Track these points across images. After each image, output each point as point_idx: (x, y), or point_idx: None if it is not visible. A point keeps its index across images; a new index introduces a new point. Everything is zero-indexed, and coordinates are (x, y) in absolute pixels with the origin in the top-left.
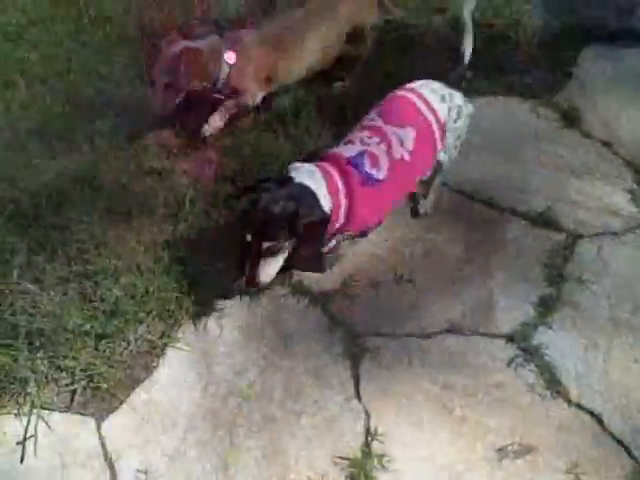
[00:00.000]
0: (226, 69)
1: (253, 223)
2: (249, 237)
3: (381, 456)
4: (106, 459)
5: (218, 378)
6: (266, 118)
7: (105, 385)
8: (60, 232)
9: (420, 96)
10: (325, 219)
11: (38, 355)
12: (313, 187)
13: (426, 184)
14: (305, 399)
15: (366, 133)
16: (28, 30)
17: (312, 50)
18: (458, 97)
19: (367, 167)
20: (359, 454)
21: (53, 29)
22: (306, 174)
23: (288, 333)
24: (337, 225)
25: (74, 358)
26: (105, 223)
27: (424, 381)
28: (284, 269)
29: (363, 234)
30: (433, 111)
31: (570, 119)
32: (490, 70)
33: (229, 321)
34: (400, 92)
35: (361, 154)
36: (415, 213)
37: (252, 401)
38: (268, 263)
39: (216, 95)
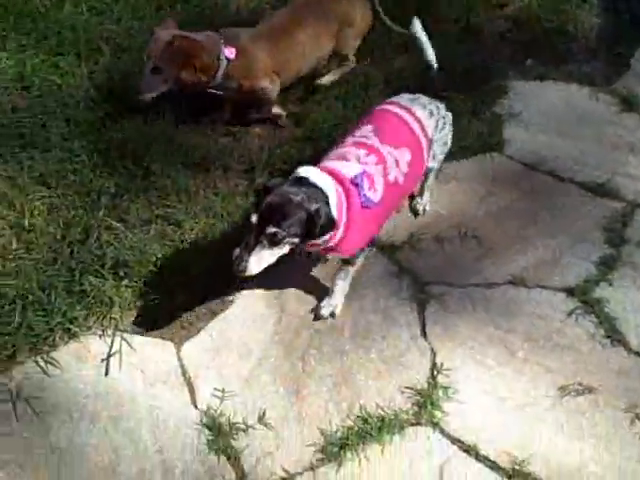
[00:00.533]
0: (225, 64)
1: (265, 205)
2: (255, 218)
3: (446, 388)
4: (185, 378)
5: (291, 313)
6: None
7: (185, 315)
8: (142, 180)
9: (413, 115)
10: (333, 224)
11: (123, 283)
12: (325, 190)
13: (420, 186)
14: (373, 335)
15: (363, 151)
16: (113, 6)
17: (307, 46)
18: (442, 108)
19: (366, 189)
20: (425, 385)
21: (137, 6)
22: (319, 179)
23: (357, 277)
24: (332, 242)
25: (156, 287)
26: (183, 175)
27: (488, 326)
28: None
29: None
30: (424, 129)
31: (629, 104)
32: (549, 59)
33: (301, 265)
34: (393, 109)
35: (361, 175)
36: (415, 212)
37: (323, 335)
38: (263, 253)
39: (212, 91)
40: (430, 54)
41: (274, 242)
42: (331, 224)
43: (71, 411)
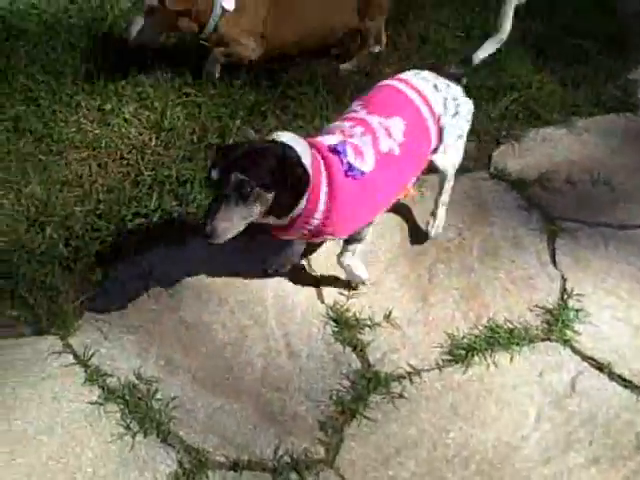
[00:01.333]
0: (218, 13)
1: (229, 156)
2: (215, 172)
3: (578, 310)
4: (312, 275)
5: (418, 230)
6: None
7: None
8: (280, 96)
9: (409, 84)
10: (307, 177)
11: None
12: (298, 150)
13: (434, 201)
14: (502, 258)
15: (348, 124)
16: None
17: (310, 12)
18: (456, 89)
19: (350, 157)
20: (556, 306)
21: None
22: (292, 140)
23: (487, 208)
24: (317, 216)
25: None
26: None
27: (620, 263)
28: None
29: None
30: (426, 100)
31: None
32: None
33: (429, 190)
34: (387, 82)
35: (342, 143)
36: (425, 236)
37: (451, 253)
38: (231, 213)
39: (202, 42)
40: (505, 28)
41: (242, 195)
42: (305, 177)
43: (200, 293)
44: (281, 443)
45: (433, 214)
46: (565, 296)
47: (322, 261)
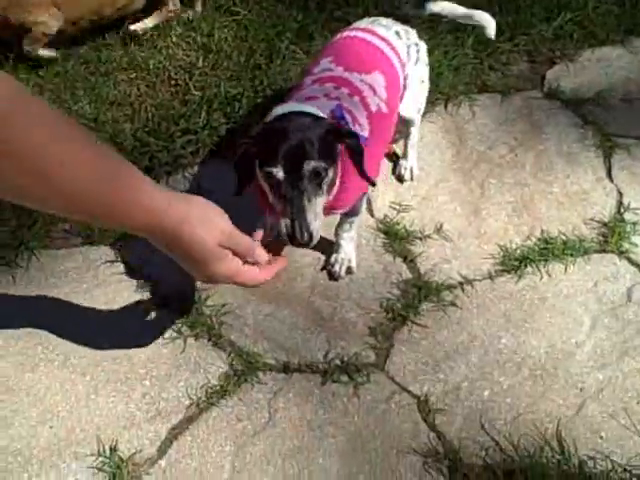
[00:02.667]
0: None
1: (285, 148)
2: (278, 170)
3: (635, 223)
4: None
5: (470, 148)
6: None
7: None
8: (327, 17)
9: (376, 34)
10: (359, 139)
11: None
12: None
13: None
14: (556, 173)
15: (330, 85)
16: None
17: None
18: (413, 34)
19: (350, 124)
20: (612, 219)
21: None
22: (308, 108)
23: (540, 125)
24: (333, 193)
25: None
26: None
27: None
28: None
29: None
30: (395, 50)
31: None
32: None
33: (480, 109)
34: (350, 33)
35: (339, 108)
36: (400, 179)
37: (503, 168)
38: (315, 205)
39: None
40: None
41: (318, 183)
42: (357, 138)
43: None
44: (331, 347)
45: (404, 157)
46: (622, 209)
47: None
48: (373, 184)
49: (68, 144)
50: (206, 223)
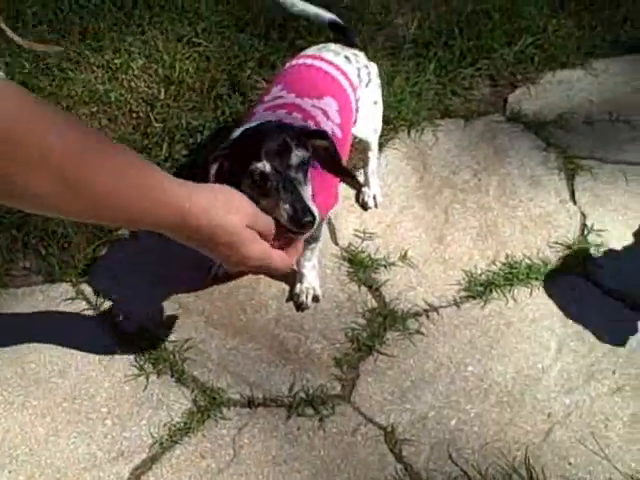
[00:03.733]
0: None
1: (266, 146)
2: (265, 164)
3: (598, 245)
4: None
5: (433, 173)
6: None
7: None
8: (289, 47)
9: (325, 60)
10: (329, 136)
11: None
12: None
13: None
14: (520, 197)
15: (282, 112)
16: None
17: None
18: (362, 57)
19: None
20: (576, 242)
21: None
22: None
23: (503, 149)
24: None
25: None
26: None
27: None
28: None
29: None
30: (345, 75)
31: None
32: None
33: (443, 135)
34: (299, 61)
35: None
36: (364, 207)
37: (467, 193)
38: (307, 191)
39: None
40: (318, 11)
41: (304, 172)
42: (327, 135)
43: None
44: (296, 380)
45: (366, 185)
46: (585, 231)
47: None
48: (353, 176)
49: (99, 151)
50: (233, 207)
